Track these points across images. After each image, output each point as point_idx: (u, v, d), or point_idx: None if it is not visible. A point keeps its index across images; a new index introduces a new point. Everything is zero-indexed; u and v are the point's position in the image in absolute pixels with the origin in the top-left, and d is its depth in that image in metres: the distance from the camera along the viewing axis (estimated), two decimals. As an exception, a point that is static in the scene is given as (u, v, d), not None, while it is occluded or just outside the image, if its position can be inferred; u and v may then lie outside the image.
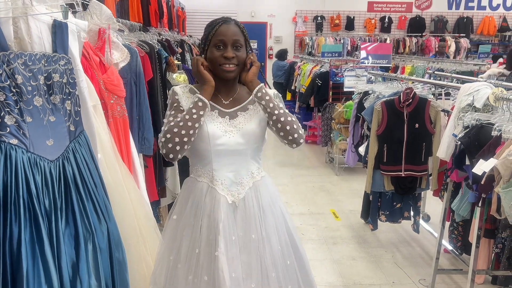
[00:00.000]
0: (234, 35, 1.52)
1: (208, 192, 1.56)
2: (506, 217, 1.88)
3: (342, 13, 11.25)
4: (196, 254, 1.54)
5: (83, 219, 1.50)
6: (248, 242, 1.56)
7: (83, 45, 1.82)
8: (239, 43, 1.52)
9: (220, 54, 1.51)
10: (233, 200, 1.56)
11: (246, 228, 1.56)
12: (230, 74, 1.54)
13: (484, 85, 2.26)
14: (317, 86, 5.93)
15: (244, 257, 1.55)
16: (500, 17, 11.55)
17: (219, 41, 1.51)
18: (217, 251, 1.49)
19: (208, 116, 1.53)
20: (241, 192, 1.58)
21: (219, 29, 1.51)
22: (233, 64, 1.52)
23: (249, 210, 1.58)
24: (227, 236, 1.52)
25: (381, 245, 3.41)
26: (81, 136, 1.56)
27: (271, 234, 1.60)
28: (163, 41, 3.61)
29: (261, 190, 1.62)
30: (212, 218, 1.53)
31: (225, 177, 1.56)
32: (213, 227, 1.53)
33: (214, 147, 1.53)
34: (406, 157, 3.04)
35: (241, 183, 1.58)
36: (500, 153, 1.88)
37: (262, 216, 1.60)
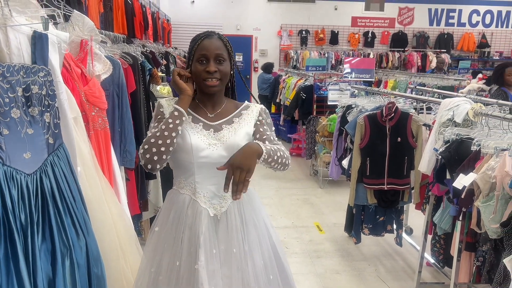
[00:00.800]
0: (217, 49, 1.52)
1: (190, 204, 1.55)
2: (486, 231, 1.90)
3: (327, 28, 11.42)
4: (177, 266, 1.52)
5: (61, 234, 1.47)
6: (229, 256, 1.54)
7: (64, 56, 1.80)
8: (222, 57, 1.53)
9: (203, 69, 1.51)
10: (214, 213, 1.55)
11: (227, 242, 1.55)
12: (214, 89, 1.54)
13: (464, 101, 2.30)
14: (301, 99, 5.98)
15: (225, 271, 1.53)
16: (479, 33, 11.87)
17: (202, 56, 1.51)
18: (197, 264, 1.47)
19: (192, 128, 1.53)
20: (224, 206, 1.57)
21: (201, 44, 1.52)
22: (216, 78, 1.52)
23: (231, 224, 1.57)
24: (208, 249, 1.51)
25: (365, 258, 3.41)
26: (60, 149, 1.53)
27: (254, 249, 1.59)
28: (148, 52, 3.60)
29: (244, 204, 1.61)
30: (194, 230, 1.52)
31: (207, 190, 1.55)
32: (194, 239, 1.51)
33: (197, 160, 1.52)
34: (389, 170, 3.07)
35: (224, 196, 1.57)
36: (480, 167, 1.91)
37: (245, 230, 1.59)
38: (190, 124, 1.54)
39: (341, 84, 5.21)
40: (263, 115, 1.65)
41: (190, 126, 1.54)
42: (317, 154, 5.42)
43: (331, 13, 11.36)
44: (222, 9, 10.90)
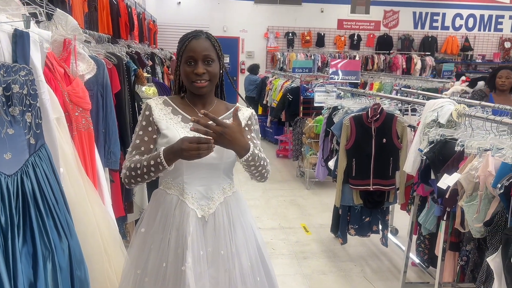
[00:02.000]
0: (204, 50, 1.50)
1: (177, 205, 1.54)
2: (470, 230, 1.92)
3: (313, 30, 11.49)
4: (164, 267, 1.50)
5: (42, 237, 1.43)
6: (216, 258, 1.53)
7: (47, 55, 1.77)
8: (210, 58, 1.51)
9: (191, 71, 1.49)
10: (202, 215, 1.53)
11: (215, 244, 1.54)
12: (203, 90, 1.53)
13: (448, 102, 2.33)
14: (288, 101, 5.99)
15: (212, 273, 1.52)
16: (462, 37, 12.09)
17: (189, 58, 1.49)
18: (184, 266, 1.46)
19: (182, 128, 1.51)
20: (212, 207, 1.55)
21: (189, 45, 1.50)
22: (205, 79, 1.50)
23: (218, 225, 1.55)
24: (195, 250, 1.49)
25: (351, 259, 3.43)
26: (42, 150, 1.50)
27: (241, 250, 1.58)
28: (133, 53, 3.56)
29: (232, 206, 1.60)
30: (181, 231, 1.50)
31: (195, 190, 1.54)
32: (181, 241, 1.50)
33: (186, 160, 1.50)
34: (374, 171, 3.09)
35: (212, 198, 1.56)
36: (463, 167, 1.93)
37: (232, 232, 1.58)
38: (180, 124, 1.52)
39: (327, 86, 5.24)
40: (252, 120, 1.63)
41: (180, 125, 1.52)
42: (304, 156, 5.44)
43: (318, 16, 11.43)
44: (209, 10, 10.89)
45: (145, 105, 1.57)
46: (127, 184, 1.53)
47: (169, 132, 1.51)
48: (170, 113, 1.55)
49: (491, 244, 1.76)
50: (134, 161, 1.49)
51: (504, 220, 1.71)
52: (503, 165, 1.68)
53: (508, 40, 12.15)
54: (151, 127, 1.54)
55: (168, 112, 1.55)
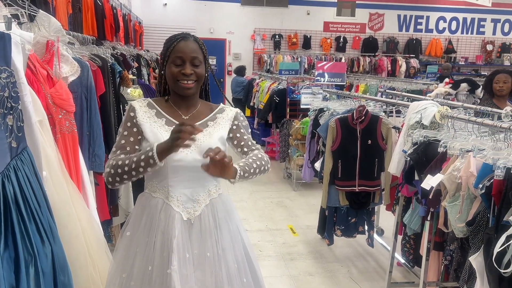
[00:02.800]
0: (192, 52, 1.51)
1: (163, 208, 1.53)
2: (453, 230, 1.95)
3: (299, 32, 11.55)
4: (149, 271, 1.50)
5: (25, 241, 1.41)
6: (203, 260, 1.53)
7: (29, 57, 1.75)
8: (198, 60, 1.52)
9: (178, 71, 1.49)
10: (188, 217, 1.53)
11: (201, 246, 1.54)
12: (188, 91, 1.53)
13: (431, 104, 2.37)
14: (275, 102, 6.01)
15: (198, 275, 1.52)
16: (446, 39, 12.27)
17: (177, 58, 1.50)
18: (170, 269, 1.45)
19: (166, 131, 1.51)
20: (197, 209, 1.55)
21: (177, 46, 1.50)
22: (192, 80, 1.51)
23: (204, 227, 1.55)
24: (181, 253, 1.49)
25: (337, 260, 3.45)
26: (24, 153, 1.47)
27: (227, 252, 1.58)
28: (118, 55, 3.54)
29: (218, 208, 1.60)
30: (166, 235, 1.50)
31: (181, 193, 1.53)
32: (166, 244, 1.49)
33: (171, 163, 1.50)
34: (360, 172, 3.12)
35: (198, 200, 1.56)
36: (446, 168, 1.96)
37: (219, 233, 1.58)
38: (164, 127, 1.52)
39: (313, 88, 5.27)
40: (239, 119, 1.64)
41: (164, 129, 1.52)
42: (291, 157, 5.46)
43: (304, 18, 11.49)
44: (195, 12, 10.85)
45: (129, 107, 1.56)
46: (109, 184, 1.49)
47: (152, 136, 1.50)
48: (154, 116, 1.55)
49: (473, 244, 1.79)
50: (120, 158, 1.47)
51: (486, 220, 1.74)
52: (484, 166, 1.71)
53: (490, 43, 12.39)
54: (136, 128, 1.53)
55: (152, 115, 1.55)
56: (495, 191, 1.63)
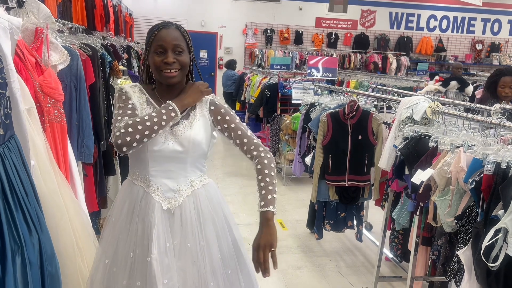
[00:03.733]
0: (174, 40, 1.49)
1: (143, 196, 1.54)
2: (442, 225, 1.97)
3: (291, 27, 11.53)
4: (131, 258, 1.50)
5: (11, 231, 1.38)
6: (184, 251, 1.53)
7: (17, 44, 1.71)
8: (180, 47, 1.50)
9: (161, 60, 1.48)
10: (168, 207, 1.53)
11: (182, 237, 1.53)
12: (172, 80, 1.51)
13: (422, 99, 2.38)
14: (266, 97, 5.99)
15: (180, 265, 1.52)
16: (436, 38, 12.37)
17: (159, 47, 1.48)
18: (150, 257, 1.46)
19: None
20: (178, 200, 1.54)
21: (158, 34, 1.49)
22: (175, 69, 1.49)
23: (185, 218, 1.55)
24: (161, 242, 1.49)
25: (326, 254, 3.47)
26: (11, 141, 1.44)
27: (211, 243, 1.57)
28: (108, 45, 3.49)
29: (201, 198, 1.59)
30: (147, 223, 1.50)
31: (161, 183, 1.53)
32: (146, 232, 1.50)
33: (150, 153, 1.50)
34: (350, 167, 3.13)
35: (179, 191, 1.55)
36: (436, 163, 1.97)
37: (202, 225, 1.56)
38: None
39: (305, 83, 5.27)
40: (215, 104, 1.60)
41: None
42: (281, 152, 5.46)
43: (296, 13, 11.47)
44: (187, 4, 10.76)
45: (120, 91, 1.53)
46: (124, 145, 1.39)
47: None
48: (145, 102, 1.54)
49: (461, 238, 1.80)
50: (133, 118, 1.43)
51: (475, 215, 1.76)
52: (474, 161, 1.72)
53: (480, 42, 12.51)
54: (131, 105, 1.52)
55: (144, 101, 1.54)
56: (484, 186, 1.64)
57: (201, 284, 1.53)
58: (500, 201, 1.57)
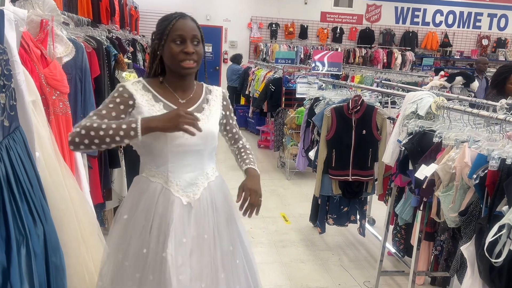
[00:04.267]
0: (193, 30, 1.47)
1: (161, 193, 1.51)
2: (445, 220, 1.96)
3: (296, 22, 11.47)
4: (144, 253, 1.49)
5: (16, 221, 1.40)
6: (201, 243, 1.54)
7: (22, 36, 1.72)
8: (197, 38, 1.49)
9: (180, 50, 1.45)
10: (188, 201, 1.52)
11: (199, 229, 1.54)
12: (191, 71, 1.50)
13: (427, 94, 2.37)
14: (270, 91, 5.99)
15: (196, 258, 1.52)
16: (442, 33, 12.27)
17: (178, 36, 1.45)
18: (165, 252, 1.45)
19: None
20: (197, 193, 1.54)
21: (176, 24, 1.45)
22: (193, 60, 1.47)
23: (203, 210, 1.55)
24: (178, 238, 1.48)
25: (329, 248, 3.47)
26: (16, 132, 1.45)
27: (223, 234, 1.59)
28: (114, 39, 3.49)
29: (215, 190, 1.61)
30: (164, 219, 1.49)
31: (180, 178, 1.52)
32: (163, 228, 1.48)
33: (171, 148, 1.48)
34: (354, 162, 3.12)
35: (197, 184, 1.55)
36: (441, 158, 1.97)
37: (216, 215, 1.59)
38: (163, 111, 1.48)
39: (309, 77, 5.25)
40: (227, 100, 1.68)
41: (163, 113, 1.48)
42: (285, 146, 5.46)
43: (301, 7, 11.40)
44: (192, -2, 10.73)
45: (123, 88, 1.48)
46: (73, 145, 1.35)
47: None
48: (151, 99, 1.50)
49: (465, 234, 1.80)
50: (96, 121, 1.35)
51: (478, 210, 1.75)
52: (479, 156, 1.71)
53: (486, 38, 12.41)
54: (124, 106, 1.45)
55: (150, 98, 1.50)
56: (489, 181, 1.64)
57: (213, 277, 1.54)
58: (504, 197, 1.56)
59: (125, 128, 1.33)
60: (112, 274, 1.57)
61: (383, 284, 2.91)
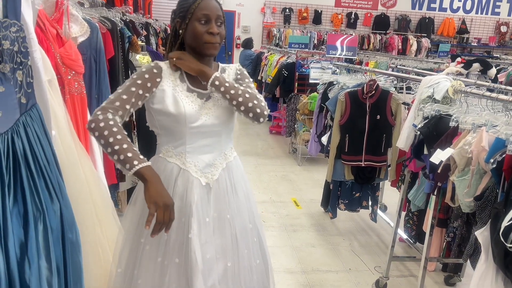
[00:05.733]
0: (218, 10, 1.46)
1: (180, 174, 1.51)
2: (459, 206, 1.94)
3: (310, 7, 11.33)
4: (165, 235, 1.48)
5: (33, 197, 1.42)
6: (223, 222, 1.54)
7: (39, 15, 1.72)
8: (221, 19, 1.47)
9: (205, 30, 1.43)
10: (207, 182, 1.52)
11: (220, 209, 1.55)
12: (215, 51, 1.48)
13: (444, 78, 2.32)
14: (283, 76, 5.94)
15: (218, 237, 1.53)
16: (459, 19, 12.00)
17: (204, 16, 1.43)
18: (191, 233, 1.45)
19: (186, 97, 1.48)
20: (215, 174, 1.54)
21: (202, 3, 1.43)
22: (216, 41, 1.46)
23: (222, 190, 1.56)
24: (201, 218, 1.49)
25: (340, 233, 3.48)
26: (33, 110, 1.47)
27: (243, 212, 1.61)
28: (127, 21, 3.48)
29: (234, 170, 1.61)
30: (185, 200, 1.49)
31: (198, 159, 1.52)
32: (185, 209, 1.48)
33: (190, 129, 1.47)
34: (367, 147, 3.10)
35: (215, 165, 1.55)
36: (457, 143, 1.94)
37: (235, 195, 1.59)
38: (185, 93, 1.48)
39: (323, 62, 5.20)
40: (242, 73, 1.63)
41: (185, 94, 1.48)
42: (297, 132, 5.44)
43: (315, -8, 11.25)
44: (205, -18, 10.63)
45: (155, 64, 1.48)
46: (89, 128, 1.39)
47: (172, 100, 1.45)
48: (177, 79, 1.50)
49: (480, 219, 1.78)
50: (110, 129, 1.34)
51: (494, 195, 1.73)
52: (497, 141, 1.68)
53: (505, 24, 12.11)
54: (151, 83, 1.45)
55: (176, 77, 1.50)
56: (506, 166, 1.61)
57: (236, 253, 1.56)
58: (521, 182, 1.54)
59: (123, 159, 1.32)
60: (132, 259, 1.55)
61: (393, 270, 2.91)
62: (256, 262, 1.63)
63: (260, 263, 1.65)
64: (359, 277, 2.84)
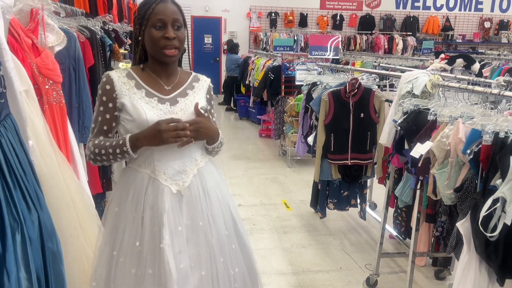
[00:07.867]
0: (174, 14, 1.44)
1: (150, 183, 1.49)
2: (441, 198, 1.96)
3: (296, 10, 11.40)
4: (138, 247, 1.47)
5: (10, 208, 1.40)
6: (196, 230, 1.52)
7: (13, 24, 1.72)
8: (179, 22, 1.45)
9: (161, 35, 1.42)
10: (177, 189, 1.50)
11: (193, 216, 1.52)
12: (173, 58, 1.47)
13: (423, 73, 2.35)
14: (269, 79, 5.97)
15: (192, 246, 1.51)
16: (443, 17, 12.15)
17: (158, 20, 1.41)
18: (162, 243, 1.43)
19: (147, 103, 1.46)
20: (186, 180, 1.52)
21: (156, 8, 1.42)
22: (175, 46, 1.44)
23: (195, 197, 1.53)
24: (172, 227, 1.46)
25: (330, 232, 3.48)
26: (7, 120, 1.45)
27: (218, 219, 1.57)
28: (110, 30, 3.48)
29: (206, 176, 1.58)
30: (156, 209, 1.47)
31: (168, 166, 1.50)
32: (156, 219, 1.46)
33: None
34: (352, 146, 3.12)
35: (185, 171, 1.52)
36: (435, 136, 1.96)
37: (208, 201, 1.56)
38: (144, 99, 1.46)
39: (308, 64, 5.23)
40: (211, 93, 1.64)
41: (144, 100, 1.46)
42: (286, 134, 5.45)
43: (300, -5, 11.34)
44: (190, -11, 10.67)
45: (106, 78, 1.48)
46: (91, 161, 1.53)
47: (133, 109, 1.45)
48: (133, 87, 1.48)
49: (461, 210, 1.80)
50: (98, 145, 1.48)
51: (474, 186, 1.74)
52: (473, 132, 1.70)
53: (488, 20, 12.27)
54: (112, 103, 1.47)
55: (132, 86, 1.48)
56: (483, 156, 1.63)
57: (212, 262, 1.53)
58: (498, 171, 1.55)
59: (119, 152, 1.44)
60: (106, 273, 1.53)
61: (384, 267, 2.92)
62: (235, 270, 1.58)
63: (240, 271, 1.61)
64: (350, 276, 2.84)
